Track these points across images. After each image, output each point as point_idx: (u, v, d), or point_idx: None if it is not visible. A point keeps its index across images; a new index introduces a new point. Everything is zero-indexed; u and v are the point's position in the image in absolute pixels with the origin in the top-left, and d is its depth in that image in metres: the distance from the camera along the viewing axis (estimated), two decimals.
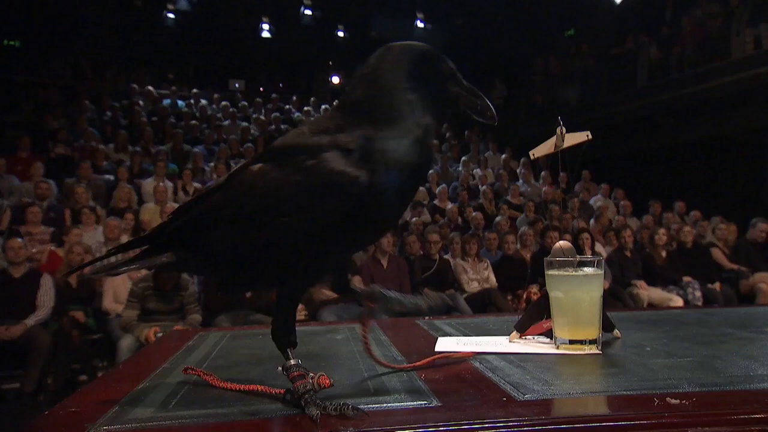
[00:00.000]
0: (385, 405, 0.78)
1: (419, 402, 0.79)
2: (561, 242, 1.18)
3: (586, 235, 5.95)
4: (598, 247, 6.24)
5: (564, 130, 1.14)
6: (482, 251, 6.04)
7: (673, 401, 0.75)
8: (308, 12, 13.87)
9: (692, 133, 9.22)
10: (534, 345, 1.15)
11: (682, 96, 9.24)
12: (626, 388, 0.83)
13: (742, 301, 5.94)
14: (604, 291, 4.05)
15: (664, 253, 6.19)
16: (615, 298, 5.67)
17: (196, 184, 7.55)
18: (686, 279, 5.96)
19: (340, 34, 14.55)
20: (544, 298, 1.14)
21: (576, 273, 1.09)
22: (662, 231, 6.32)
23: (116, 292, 4.65)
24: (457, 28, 13.57)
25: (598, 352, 1.07)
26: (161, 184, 6.90)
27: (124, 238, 5.59)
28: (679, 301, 5.66)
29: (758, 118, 8.31)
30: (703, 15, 9.64)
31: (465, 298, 5.39)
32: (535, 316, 1.19)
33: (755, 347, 1.05)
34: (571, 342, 1.08)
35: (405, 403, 0.78)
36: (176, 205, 6.96)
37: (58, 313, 4.51)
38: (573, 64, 11.68)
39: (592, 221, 7.21)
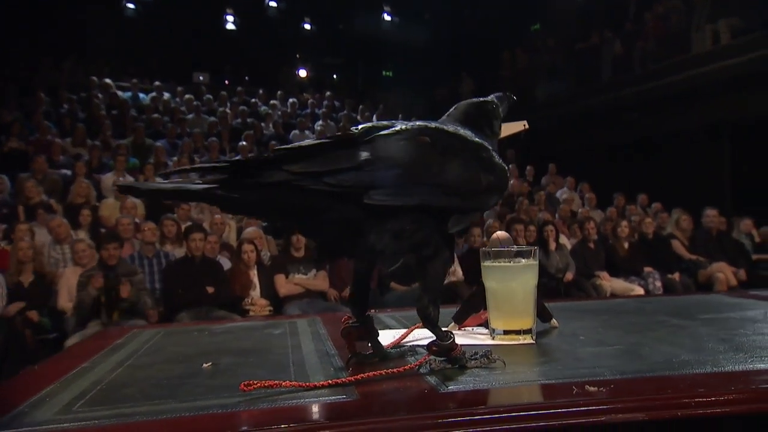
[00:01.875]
0: (303, 400, 0.77)
1: (338, 396, 0.77)
2: (499, 232, 1.18)
3: (550, 227, 6.03)
4: (563, 239, 6.34)
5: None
6: None
7: (592, 389, 0.75)
8: (273, 3, 13.69)
9: (655, 126, 9.43)
10: (471, 336, 1.14)
11: (645, 90, 9.44)
12: (549, 377, 0.83)
13: (700, 290, 6.11)
14: (569, 282, 4.08)
15: (626, 245, 6.32)
16: (578, 289, 5.77)
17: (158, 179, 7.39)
18: (647, 270, 6.09)
19: (307, 26, 14.41)
20: (481, 289, 1.14)
21: (511, 264, 1.09)
22: (624, 223, 6.44)
23: (71, 290, 4.52)
24: (424, 21, 13.58)
25: (532, 341, 1.07)
26: (121, 178, 6.75)
27: (81, 234, 5.44)
28: (640, 291, 5.79)
29: (716, 112, 8.54)
30: (665, 10, 9.85)
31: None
32: (472, 307, 1.19)
33: (683, 334, 1.07)
34: (506, 332, 1.08)
35: (323, 398, 0.77)
36: (137, 201, 6.86)
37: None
38: (540, 59, 11.81)
39: (557, 213, 7.32)
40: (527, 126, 1.18)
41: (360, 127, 0.89)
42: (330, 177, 0.79)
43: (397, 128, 0.88)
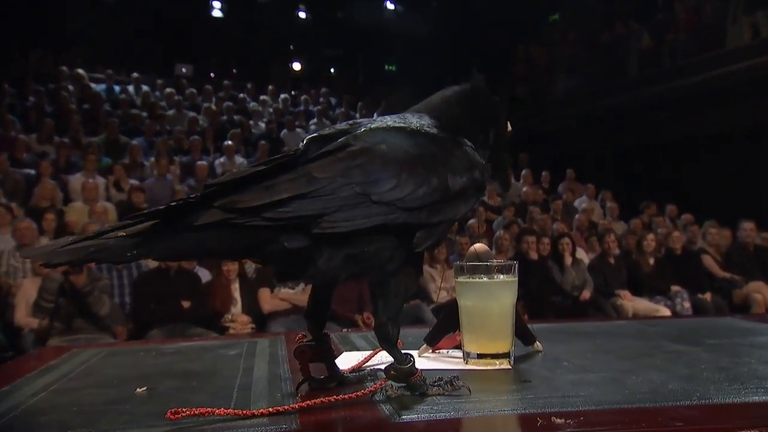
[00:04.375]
0: (235, 430, 0.76)
1: (277, 426, 0.77)
2: (476, 245, 1.17)
3: (566, 240, 6.02)
4: (580, 253, 6.32)
5: None
6: (452, 257, 6.05)
7: (558, 421, 0.75)
8: None
9: (686, 129, 9.41)
10: (443, 360, 1.14)
11: (676, 88, 9.43)
12: (516, 407, 0.83)
13: (734, 312, 6.06)
14: (585, 301, 4.10)
15: (651, 261, 6.29)
16: (597, 309, 5.74)
17: (133, 181, 7.42)
18: (675, 288, 6.06)
19: (302, 14, 14.48)
20: (456, 307, 1.14)
21: (486, 280, 1.08)
22: (650, 236, 6.42)
23: (30, 304, 4.53)
24: (431, 11, 13.64)
25: (509, 367, 1.06)
26: (91, 180, 6.77)
27: (44, 241, 5.45)
28: (666, 313, 5.76)
29: (754, 113, 8.52)
30: (698, 0, 9.87)
31: (432, 309, 5.41)
32: (447, 327, 1.19)
33: (681, 361, 1.07)
34: (480, 356, 1.08)
35: (259, 428, 0.77)
36: (108, 205, 6.88)
37: None
38: (558, 53, 11.83)
39: (574, 224, 7.31)
40: (510, 128, 1.17)
41: (306, 139, 0.89)
42: (269, 210, 0.78)
43: (348, 139, 0.87)
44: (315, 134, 0.89)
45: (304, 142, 0.88)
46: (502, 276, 1.08)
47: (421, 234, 0.88)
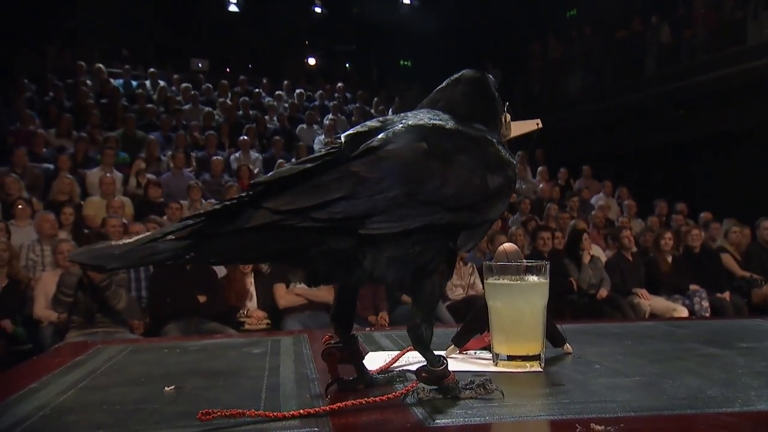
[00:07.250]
0: None
1: (309, 429, 0.76)
2: (506, 245, 1.16)
3: (585, 236, 5.97)
4: (597, 251, 6.27)
5: (509, 117, 1.11)
6: (468, 255, 6.03)
7: (597, 428, 0.73)
8: None
9: (705, 126, 9.30)
10: (471, 361, 1.13)
11: (694, 85, 9.32)
12: (552, 412, 0.81)
13: (754, 312, 5.98)
14: (602, 299, 4.08)
15: (669, 259, 6.22)
16: (613, 307, 5.69)
17: (150, 176, 7.47)
18: (693, 287, 5.99)
19: (317, 9, 14.46)
20: (485, 307, 1.12)
21: (518, 281, 1.06)
22: (668, 234, 6.35)
23: (49, 297, 4.57)
24: (446, 6, 13.56)
25: (539, 369, 1.05)
26: (109, 174, 6.83)
27: (62, 235, 5.50)
28: (684, 312, 5.70)
29: None
30: None
31: (447, 307, 5.39)
32: (475, 327, 1.17)
33: (715, 365, 1.04)
34: (511, 358, 1.06)
35: (291, 431, 0.76)
36: (125, 199, 6.93)
37: None
38: (575, 49, 11.74)
39: (590, 221, 7.25)
40: (540, 125, 1.15)
41: (344, 135, 0.87)
42: (318, 211, 0.77)
43: (388, 135, 0.86)
44: (351, 131, 0.88)
45: (342, 139, 0.87)
46: (532, 277, 1.07)
47: (464, 235, 0.87)
